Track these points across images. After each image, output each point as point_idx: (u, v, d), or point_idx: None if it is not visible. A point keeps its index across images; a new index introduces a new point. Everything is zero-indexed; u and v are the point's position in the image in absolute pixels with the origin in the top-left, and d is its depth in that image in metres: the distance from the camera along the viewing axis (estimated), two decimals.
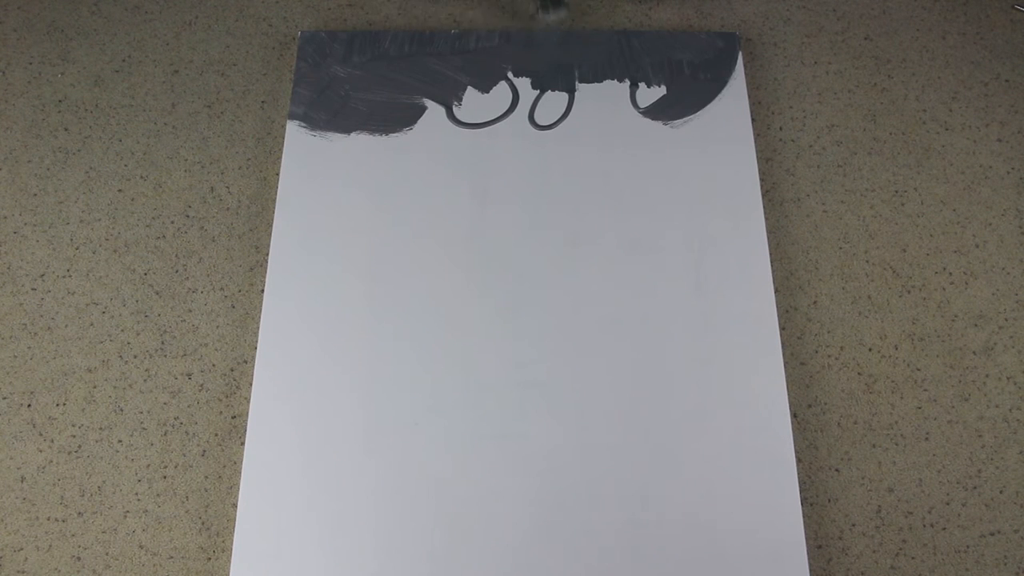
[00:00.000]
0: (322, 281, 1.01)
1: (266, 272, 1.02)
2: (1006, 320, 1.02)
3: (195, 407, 0.98)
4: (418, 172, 1.08)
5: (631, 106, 1.12)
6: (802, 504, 0.92)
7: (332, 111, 1.12)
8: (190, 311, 1.03)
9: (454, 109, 1.12)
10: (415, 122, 1.12)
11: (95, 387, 0.99)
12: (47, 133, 1.14)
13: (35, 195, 1.10)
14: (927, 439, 0.96)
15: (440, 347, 0.98)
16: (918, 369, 0.99)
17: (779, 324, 1.00)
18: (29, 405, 0.98)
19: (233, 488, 0.94)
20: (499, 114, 1.12)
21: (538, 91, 1.14)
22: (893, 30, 1.23)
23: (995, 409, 0.97)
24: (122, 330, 1.02)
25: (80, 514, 0.93)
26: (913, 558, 0.90)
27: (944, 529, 0.92)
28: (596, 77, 1.15)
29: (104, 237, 1.07)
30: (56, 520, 0.92)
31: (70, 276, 1.05)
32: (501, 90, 1.14)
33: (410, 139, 1.10)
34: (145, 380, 0.99)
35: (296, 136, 1.10)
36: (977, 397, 0.98)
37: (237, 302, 1.03)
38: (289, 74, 1.18)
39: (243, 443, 0.95)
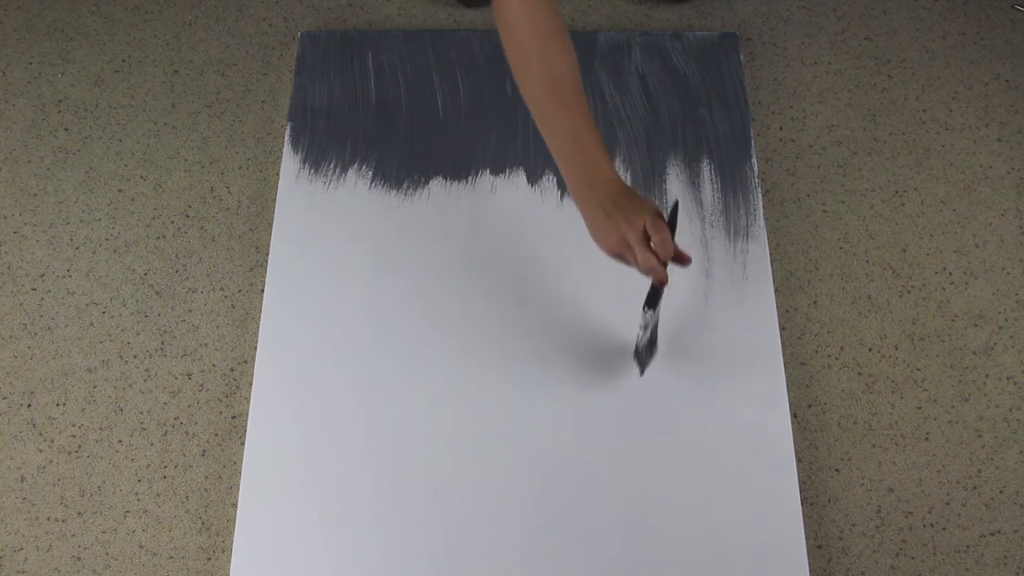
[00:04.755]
0: (322, 281, 1.01)
1: (266, 272, 1.02)
2: (1006, 320, 1.02)
3: (195, 407, 0.98)
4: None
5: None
6: (802, 504, 0.92)
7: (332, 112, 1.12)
8: (190, 311, 1.03)
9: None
10: None
11: (95, 387, 0.99)
12: (47, 133, 1.14)
13: (35, 195, 1.10)
14: (927, 439, 0.96)
15: (441, 346, 0.98)
16: (918, 369, 0.99)
17: (779, 324, 1.00)
18: (29, 405, 0.98)
19: (233, 488, 0.93)
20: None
21: None
22: (893, 30, 1.23)
23: (995, 409, 0.97)
24: (122, 330, 1.02)
25: (80, 514, 0.93)
26: (913, 558, 0.90)
27: (944, 529, 0.92)
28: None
29: (104, 237, 1.07)
30: (56, 520, 0.92)
31: (70, 276, 1.05)
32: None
33: None
34: (145, 380, 0.99)
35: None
36: (977, 397, 0.98)
37: (237, 302, 1.03)
38: (289, 74, 1.18)
39: (243, 443, 0.95)
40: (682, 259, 0.81)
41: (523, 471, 0.92)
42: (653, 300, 0.84)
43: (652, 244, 0.77)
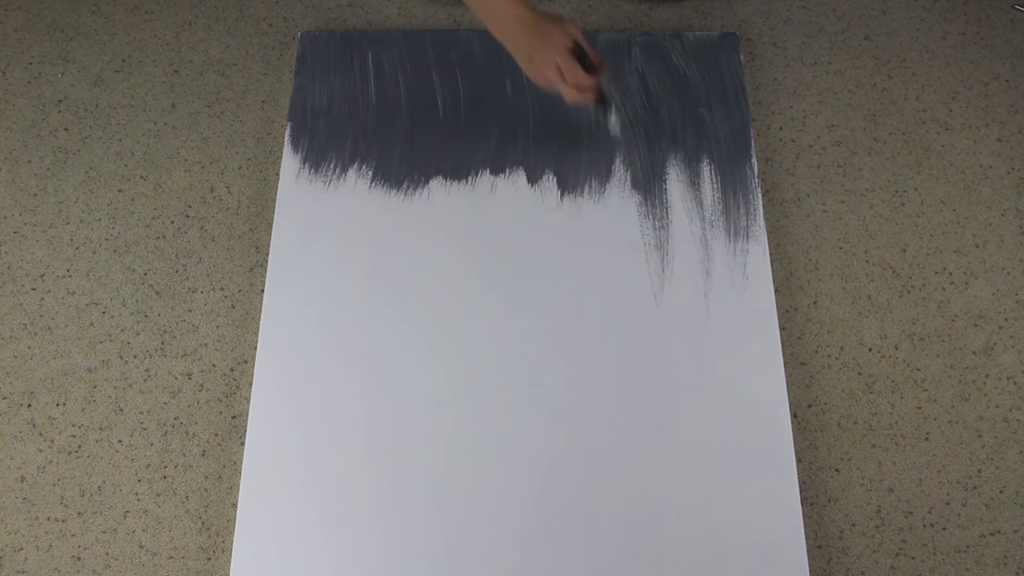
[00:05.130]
0: (322, 281, 1.01)
1: (266, 272, 1.02)
2: (1006, 320, 1.02)
3: (195, 407, 0.98)
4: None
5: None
6: (802, 504, 0.92)
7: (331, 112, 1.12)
8: (190, 311, 1.03)
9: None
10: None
11: (95, 387, 0.99)
12: (47, 133, 1.14)
13: (35, 195, 1.10)
14: (927, 439, 0.96)
15: (441, 347, 0.98)
16: (918, 369, 0.99)
17: (779, 324, 1.00)
18: (29, 405, 0.98)
19: (233, 488, 0.93)
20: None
21: None
22: (893, 30, 1.23)
23: (995, 409, 0.97)
24: (122, 330, 1.02)
25: (80, 514, 0.93)
26: (913, 558, 0.90)
27: (944, 529, 0.92)
28: None
29: (104, 237, 1.07)
30: (56, 520, 0.92)
31: (70, 276, 1.05)
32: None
33: None
34: (145, 380, 0.99)
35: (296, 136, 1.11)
36: (977, 397, 0.98)
37: (237, 302, 1.03)
38: (289, 74, 1.18)
39: (243, 443, 0.95)
40: (599, 70, 0.91)
41: (523, 471, 0.92)
42: (600, 99, 0.95)
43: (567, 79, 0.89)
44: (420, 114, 1.12)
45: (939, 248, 1.06)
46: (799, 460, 0.95)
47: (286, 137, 1.10)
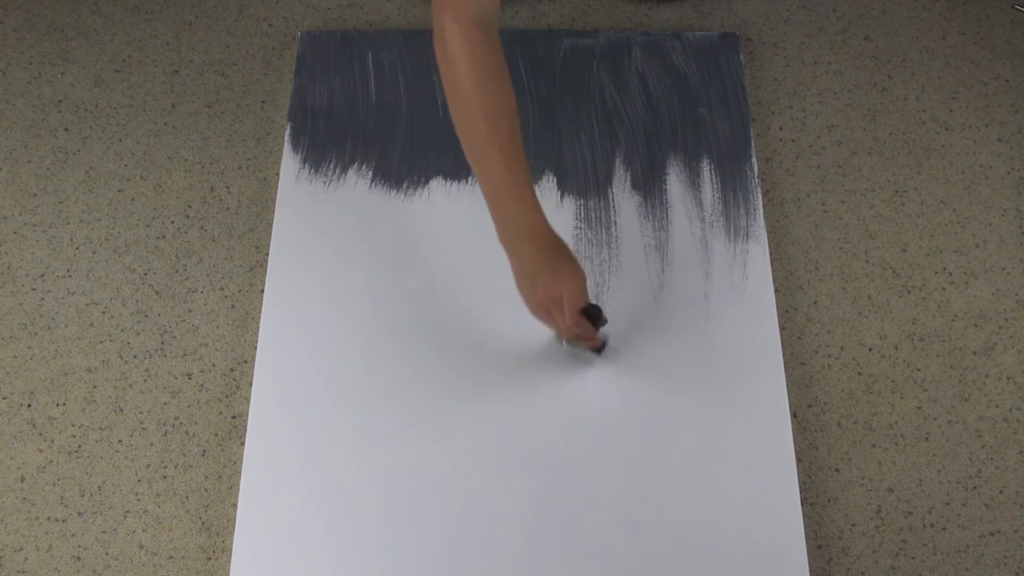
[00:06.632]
0: (322, 281, 1.01)
1: (266, 272, 1.02)
2: (1006, 320, 1.02)
3: (195, 407, 0.98)
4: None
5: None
6: (802, 504, 0.92)
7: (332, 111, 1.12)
8: (190, 311, 1.03)
9: None
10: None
11: (95, 387, 0.99)
12: (47, 133, 1.14)
13: (35, 195, 1.10)
14: (927, 439, 0.96)
15: (441, 346, 0.98)
16: (918, 369, 0.99)
17: (779, 324, 1.00)
18: (29, 405, 0.98)
19: (233, 488, 0.93)
20: None
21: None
22: (893, 30, 1.23)
23: (995, 409, 0.97)
24: (122, 330, 1.02)
25: (80, 514, 0.93)
26: (913, 558, 0.90)
27: (944, 529, 0.92)
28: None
29: (104, 237, 1.07)
30: (56, 520, 0.92)
31: (70, 276, 1.05)
32: None
33: None
34: (145, 380, 0.99)
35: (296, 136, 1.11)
36: (977, 397, 0.98)
37: (237, 302, 1.03)
38: (289, 74, 1.18)
39: (243, 443, 0.95)
40: (603, 322, 0.86)
41: (523, 471, 0.92)
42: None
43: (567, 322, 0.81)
44: (420, 114, 1.12)
45: (939, 248, 1.06)
46: (799, 460, 0.94)
47: (286, 137, 1.10)
